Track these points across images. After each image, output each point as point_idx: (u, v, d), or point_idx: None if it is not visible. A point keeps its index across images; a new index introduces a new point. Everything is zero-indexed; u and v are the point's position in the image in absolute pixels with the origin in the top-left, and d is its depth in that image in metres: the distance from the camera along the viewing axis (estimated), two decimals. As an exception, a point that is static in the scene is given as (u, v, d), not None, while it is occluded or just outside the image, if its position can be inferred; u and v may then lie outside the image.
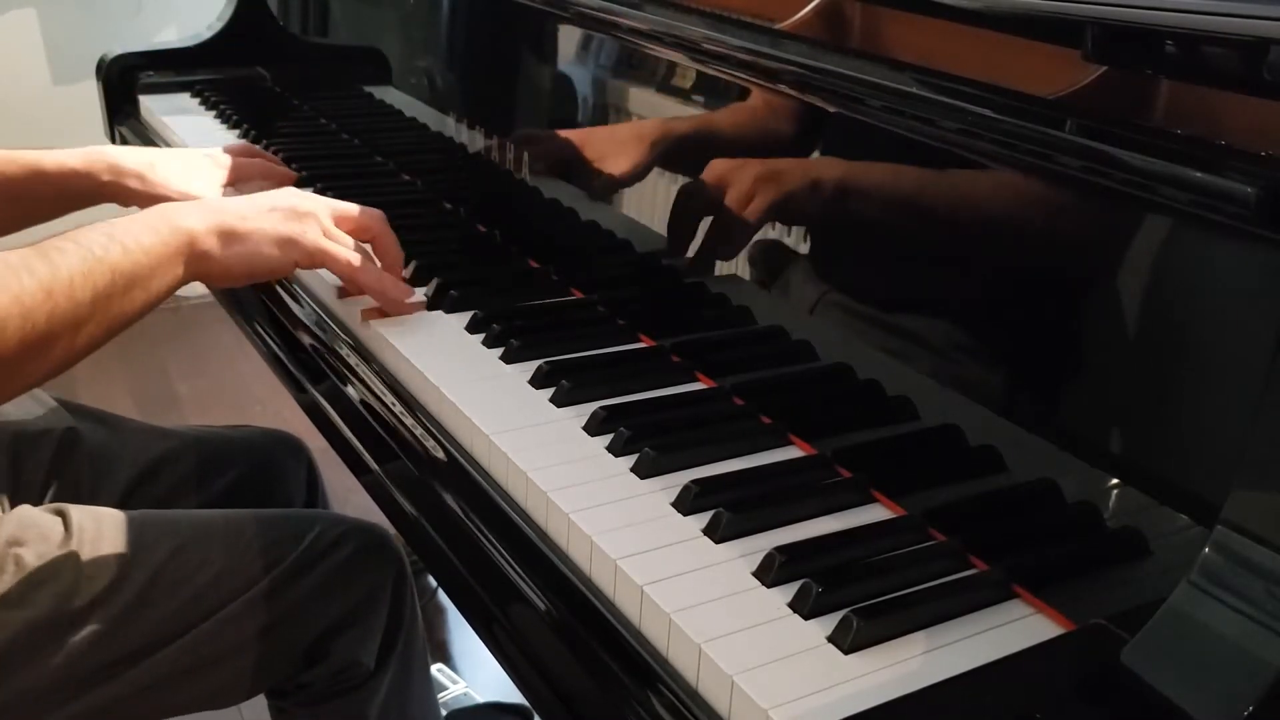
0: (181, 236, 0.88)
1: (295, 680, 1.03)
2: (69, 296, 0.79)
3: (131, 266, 0.84)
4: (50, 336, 0.78)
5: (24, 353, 0.77)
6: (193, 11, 2.21)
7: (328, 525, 1.03)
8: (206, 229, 0.90)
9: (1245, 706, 0.51)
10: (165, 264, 0.87)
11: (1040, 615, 0.66)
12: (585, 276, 1.08)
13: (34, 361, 0.79)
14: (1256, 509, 0.55)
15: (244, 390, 2.47)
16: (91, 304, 0.81)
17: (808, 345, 0.86)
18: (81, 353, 0.83)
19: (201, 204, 0.93)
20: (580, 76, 1.10)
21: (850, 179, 0.83)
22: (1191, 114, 0.63)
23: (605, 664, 0.65)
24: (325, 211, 0.97)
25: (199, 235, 0.89)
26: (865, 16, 0.85)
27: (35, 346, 0.78)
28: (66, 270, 0.79)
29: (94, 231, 0.83)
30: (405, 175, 1.40)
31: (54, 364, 0.81)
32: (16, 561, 0.91)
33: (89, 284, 0.80)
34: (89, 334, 0.82)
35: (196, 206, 0.92)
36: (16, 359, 0.77)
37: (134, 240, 0.84)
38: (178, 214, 0.89)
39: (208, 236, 0.90)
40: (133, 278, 0.84)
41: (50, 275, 0.78)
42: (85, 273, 0.80)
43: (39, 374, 0.81)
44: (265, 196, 0.97)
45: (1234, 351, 0.59)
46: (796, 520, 0.74)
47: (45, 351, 0.79)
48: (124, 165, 1.17)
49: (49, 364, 0.80)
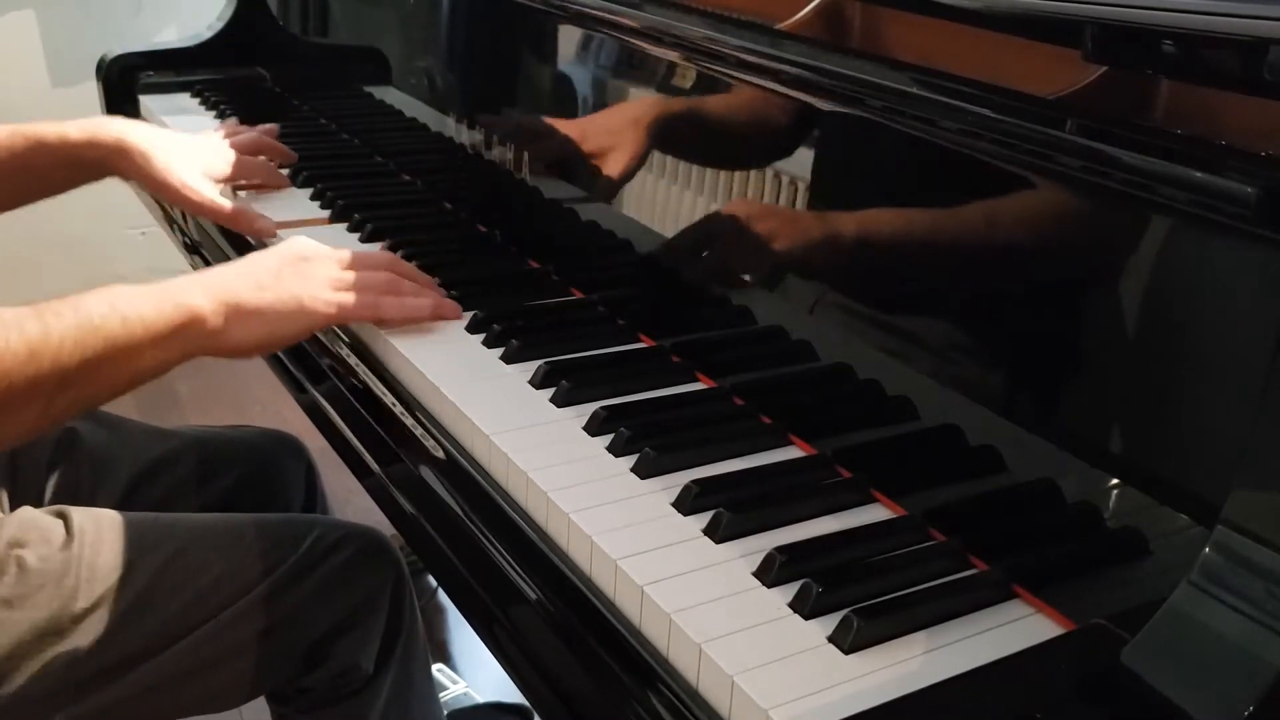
0: (185, 314, 0.86)
1: (295, 684, 1.04)
2: (54, 361, 0.78)
3: (127, 339, 0.82)
4: (28, 398, 0.78)
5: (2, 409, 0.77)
6: (193, 11, 2.21)
7: (326, 529, 1.03)
8: (213, 307, 0.87)
9: (1245, 706, 0.51)
10: (165, 340, 0.85)
11: (1040, 615, 0.66)
12: (585, 276, 1.08)
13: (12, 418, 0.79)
14: (1256, 509, 0.55)
15: (244, 390, 2.46)
16: (77, 370, 0.80)
17: (808, 345, 0.86)
18: (60, 418, 0.83)
19: (212, 280, 0.90)
20: (580, 76, 1.10)
21: (849, 179, 0.83)
22: (1191, 114, 0.63)
23: (605, 664, 0.65)
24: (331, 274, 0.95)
25: (205, 314, 0.87)
26: (865, 16, 0.85)
27: (10, 405, 0.78)
28: (58, 334, 0.79)
29: (98, 299, 0.83)
30: (405, 175, 1.40)
31: (28, 426, 0.81)
32: (18, 563, 0.91)
33: (79, 351, 0.80)
34: (71, 399, 0.81)
35: (206, 283, 0.89)
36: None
37: (135, 312, 0.83)
38: (185, 291, 0.87)
39: (215, 316, 0.87)
40: (126, 349, 0.83)
41: (40, 337, 0.78)
42: (77, 340, 0.80)
43: (11, 434, 0.81)
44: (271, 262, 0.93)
45: (1234, 352, 0.59)
46: (797, 520, 0.74)
47: (20, 411, 0.79)
48: (128, 143, 1.18)
49: (23, 424, 0.80)
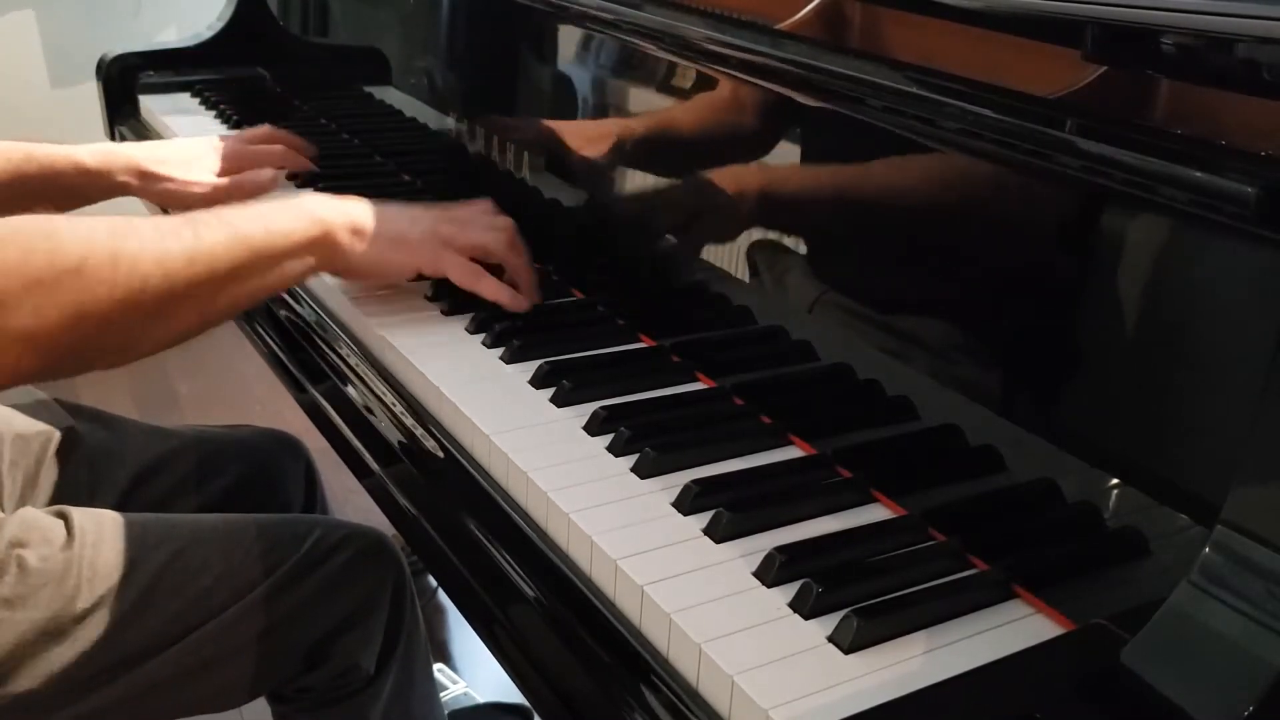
0: (318, 227, 0.93)
1: (296, 684, 1.04)
2: (208, 266, 0.84)
3: (270, 247, 0.89)
4: (189, 298, 0.84)
5: (164, 310, 0.83)
6: (193, 11, 2.21)
7: (327, 529, 1.03)
8: (342, 224, 0.94)
9: (1245, 706, 0.51)
10: (301, 249, 0.92)
11: (1040, 615, 0.66)
12: (585, 276, 1.08)
13: (173, 319, 0.85)
14: (1256, 509, 0.55)
15: (244, 390, 2.46)
16: (228, 276, 0.86)
17: (808, 345, 0.86)
18: (219, 317, 0.89)
19: (343, 201, 0.97)
20: (580, 76, 1.10)
21: (849, 179, 0.83)
22: (1191, 114, 0.63)
23: (605, 664, 0.65)
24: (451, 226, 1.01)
25: (335, 228, 0.94)
26: (865, 16, 0.85)
27: (175, 306, 0.84)
28: (210, 242, 0.85)
29: (243, 211, 0.90)
30: (405, 175, 1.40)
31: (191, 323, 0.86)
32: (19, 563, 0.91)
33: (229, 257, 0.86)
34: (225, 301, 0.88)
35: (338, 202, 0.96)
36: (157, 314, 0.83)
37: (276, 223, 0.90)
38: (318, 206, 0.94)
39: (342, 231, 0.94)
40: (270, 257, 0.89)
41: (194, 243, 0.84)
42: (227, 247, 0.86)
43: (177, 330, 0.86)
44: (397, 206, 1.02)
45: (1234, 351, 0.59)
46: (796, 520, 0.74)
47: (183, 311, 0.85)
48: (136, 162, 1.23)
49: (184, 324, 0.86)
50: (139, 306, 0.81)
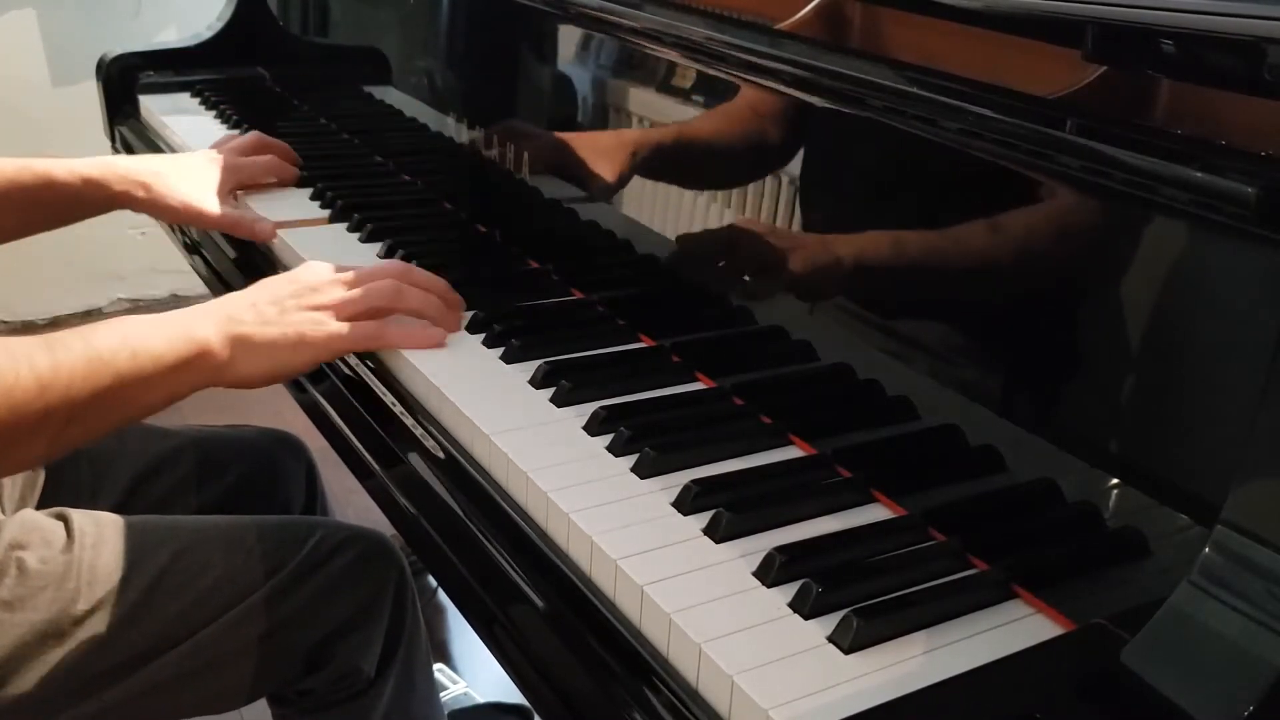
0: (195, 347, 0.87)
1: (297, 686, 1.03)
2: (63, 394, 0.79)
3: (136, 372, 0.83)
4: (36, 430, 0.79)
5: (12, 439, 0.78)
6: (193, 11, 2.21)
7: (329, 531, 1.03)
8: (222, 341, 0.88)
9: (1245, 706, 0.51)
10: (174, 373, 0.86)
11: (1040, 615, 0.66)
12: (585, 276, 1.08)
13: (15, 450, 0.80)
14: (1256, 509, 0.55)
15: (244, 390, 2.46)
16: (87, 403, 0.81)
17: (808, 345, 0.86)
18: (66, 448, 0.84)
19: (220, 312, 0.91)
20: (580, 76, 1.10)
21: (849, 179, 0.83)
22: (1191, 114, 0.63)
23: (605, 664, 0.65)
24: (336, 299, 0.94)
25: (214, 347, 0.88)
26: (865, 16, 0.85)
27: (19, 437, 0.79)
28: (68, 368, 0.80)
29: (110, 331, 0.84)
30: (405, 175, 1.40)
31: (36, 456, 0.82)
32: (19, 565, 0.91)
33: (88, 384, 0.81)
34: (79, 431, 0.82)
35: (214, 315, 0.90)
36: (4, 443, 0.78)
37: (144, 346, 0.84)
38: (194, 324, 0.88)
39: (222, 349, 0.88)
40: (136, 383, 0.83)
41: (50, 371, 0.79)
42: (86, 374, 0.80)
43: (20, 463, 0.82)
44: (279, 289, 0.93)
45: (1234, 351, 0.59)
46: (796, 520, 0.74)
47: (28, 442, 0.80)
48: (132, 175, 1.20)
49: (31, 454, 0.82)
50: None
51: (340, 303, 0.93)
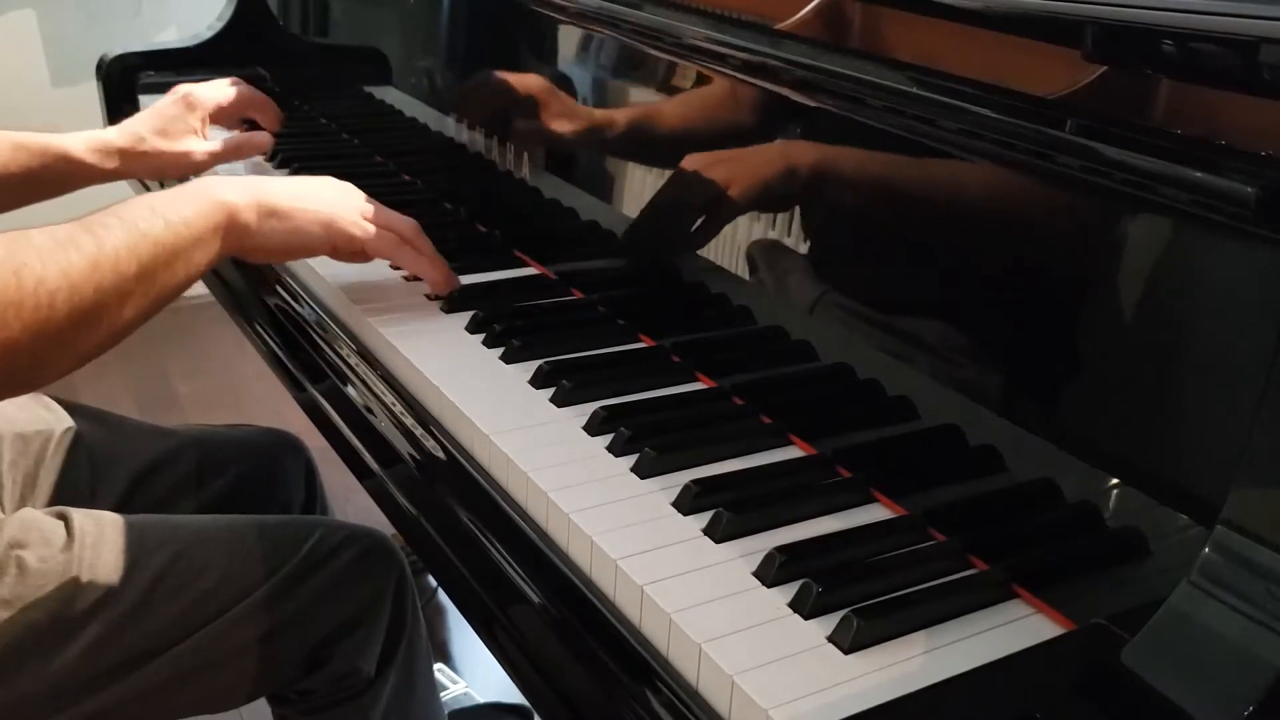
0: (221, 210, 0.89)
1: (297, 686, 1.03)
2: (115, 270, 0.80)
3: (173, 240, 0.85)
4: (98, 309, 0.80)
5: (74, 325, 0.78)
6: (193, 11, 2.21)
7: (329, 531, 1.03)
8: (247, 203, 0.91)
9: (1245, 706, 0.51)
10: (205, 237, 0.88)
11: (1040, 615, 0.66)
12: (585, 277, 1.08)
13: (83, 334, 0.80)
14: (1256, 509, 0.55)
15: (244, 390, 2.46)
16: (136, 277, 0.82)
17: (808, 345, 0.86)
18: (129, 326, 0.84)
19: (244, 179, 0.95)
20: (580, 76, 1.10)
21: (850, 179, 0.83)
22: (1191, 114, 0.63)
23: (605, 664, 0.65)
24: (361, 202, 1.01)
25: (239, 209, 0.91)
26: (865, 16, 0.85)
27: (84, 319, 0.79)
28: (112, 245, 0.80)
29: (137, 205, 0.85)
30: (405, 175, 1.40)
31: (102, 337, 0.82)
32: (18, 564, 0.91)
33: (133, 257, 0.82)
34: (135, 306, 0.83)
35: (238, 181, 0.94)
36: (67, 331, 0.78)
37: (176, 214, 0.86)
38: (219, 188, 0.91)
39: (248, 211, 0.91)
40: (174, 251, 0.85)
41: (96, 250, 0.79)
42: (130, 246, 0.81)
43: (88, 347, 0.81)
44: (307, 180, 1.00)
45: (1234, 351, 0.59)
46: (796, 520, 0.74)
47: (94, 324, 0.80)
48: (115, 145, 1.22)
49: (97, 337, 0.81)
50: (49, 325, 0.76)
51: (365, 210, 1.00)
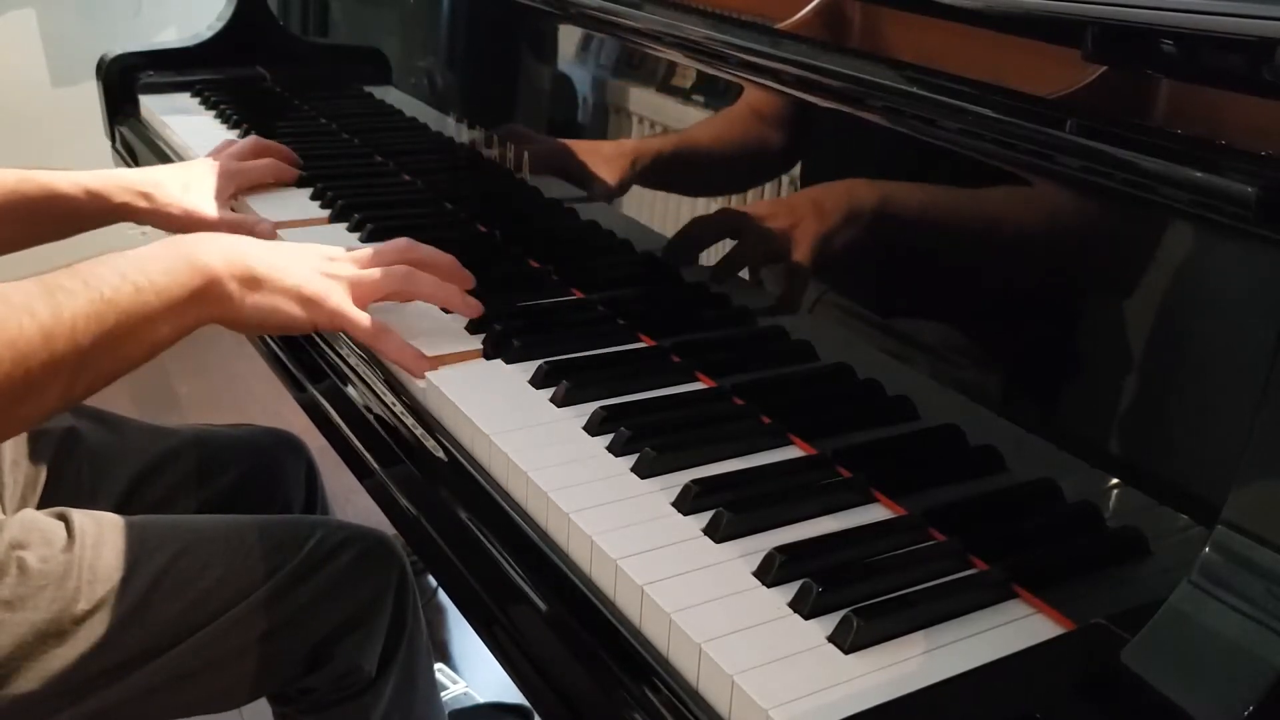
0: (200, 277, 0.83)
1: (297, 686, 1.03)
2: (70, 341, 0.75)
3: (141, 309, 0.79)
4: (46, 381, 0.75)
5: (15, 397, 0.74)
6: (193, 11, 2.21)
7: (329, 531, 1.03)
8: (230, 272, 0.85)
9: (1245, 706, 0.51)
10: (180, 306, 0.82)
11: (1040, 615, 0.66)
12: (585, 276, 1.08)
13: (26, 405, 0.75)
14: (1256, 509, 0.55)
15: (244, 390, 2.46)
16: (94, 348, 0.77)
17: (808, 345, 0.86)
18: (80, 396, 0.79)
19: (227, 244, 0.88)
20: (580, 76, 1.10)
21: (849, 179, 0.83)
22: (1191, 114, 0.63)
23: (605, 664, 0.65)
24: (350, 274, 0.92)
25: (221, 277, 0.85)
26: (865, 16, 0.85)
27: (29, 391, 0.74)
28: (70, 313, 0.76)
29: (106, 268, 0.80)
30: (405, 175, 1.40)
31: (49, 408, 0.77)
32: (19, 565, 0.91)
33: (92, 328, 0.77)
34: (90, 378, 0.79)
35: (221, 245, 0.87)
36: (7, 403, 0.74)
37: (147, 280, 0.80)
38: (200, 252, 0.85)
39: (230, 280, 0.85)
40: (142, 320, 0.80)
41: (52, 319, 0.75)
42: (90, 315, 0.77)
43: (32, 417, 0.77)
44: (294, 249, 0.93)
45: (1234, 351, 0.59)
46: (796, 520, 0.74)
47: (39, 395, 0.76)
48: (134, 185, 1.19)
49: (43, 408, 0.77)
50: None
51: (355, 279, 0.92)
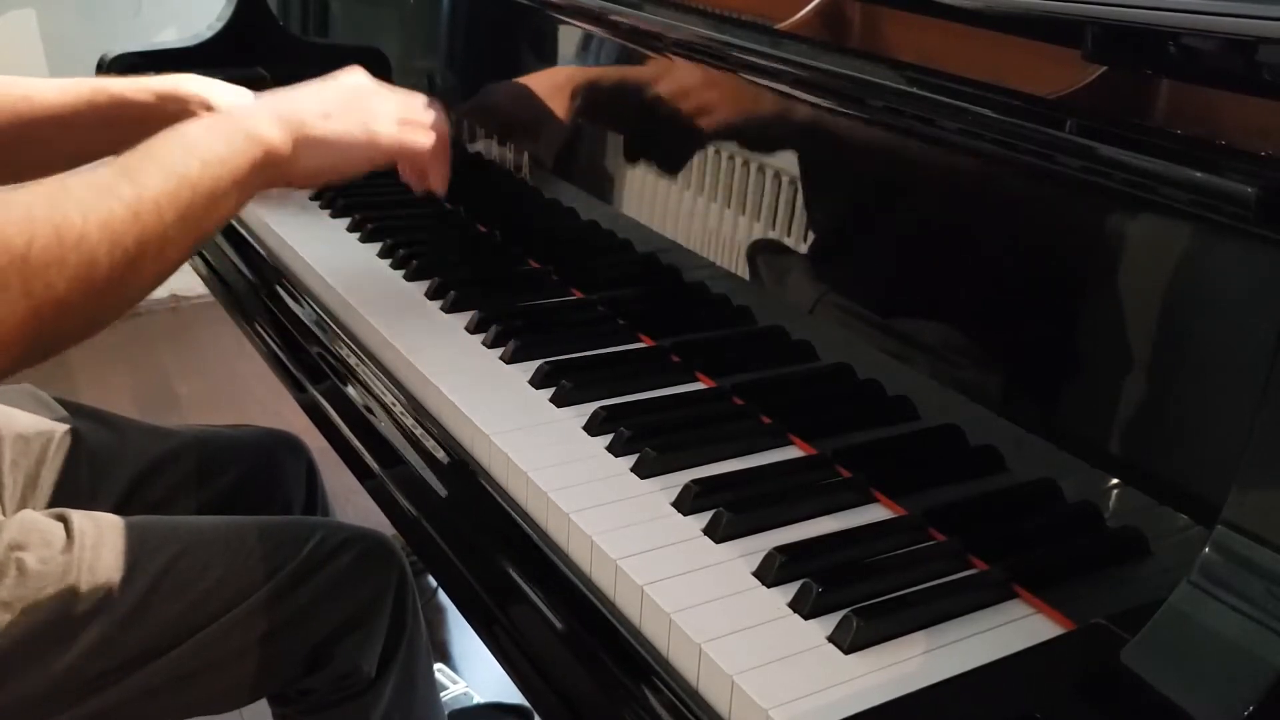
0: (257, 146, 0.87)
1: (297, 686, 1.03)
2: (156, 217, 0.79)
3: (211, 182, 0.83)
4: (141, 258, 0.78)
5: (118, 277, 0.77)
6: (193, 11, 2.21)
7: (329, 532, 1.03)
8: (283, 136, 0.89)
9: (1245, 706, 0.51)
10: (243, 175, 0.86)
11: (1040, 615, 0.66)
12: (585, 276, 1.08)
13: (128, 283, 0.79)
14: (1256, 509, 0.55)
15: (244, 390, 2.46)
16: (176, 222, 0.80)
17: (808, 345, 0.86)
18: (170, 268, 0.83)
19: (277, 108, 0.92)
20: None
21: (849, 179, 0.83)
22: (1191, 114, 0.63)
23: (605, 664, 0.65)
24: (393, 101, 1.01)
25: (276, 144, 0.88)
26: (865, 16, 0.85)
27: (128, 270, 0.78)
28: (152, 193, 0.79)
29: (170, 146, 0.83)
30: (405, 175, 1.40)
31: (147, 281, 0.81)
32: (18, 566, 0.91)
33: (173, 204, 0.80)
34: (176, 249, 0.82)
35: (271, 112, 0.91)
36: (114, 283, 0.77)
37: (212, 153, 0.84)
38: (253, 122, 0.88)
39: (285, 144, 0.89)
40: (212, 193, 0.83)
41: (136, 199, 0.78)
42: (169, 193, 0.80)
43: (132, 293, 0.81)
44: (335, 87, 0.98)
45: (1234, 351, 0.59)
46: (796, 520, 0.74)
47: (138, 272, 0.79)
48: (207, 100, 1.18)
49: (141, 283, 0.80)
50: (93, 281, 0.75)
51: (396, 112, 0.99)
